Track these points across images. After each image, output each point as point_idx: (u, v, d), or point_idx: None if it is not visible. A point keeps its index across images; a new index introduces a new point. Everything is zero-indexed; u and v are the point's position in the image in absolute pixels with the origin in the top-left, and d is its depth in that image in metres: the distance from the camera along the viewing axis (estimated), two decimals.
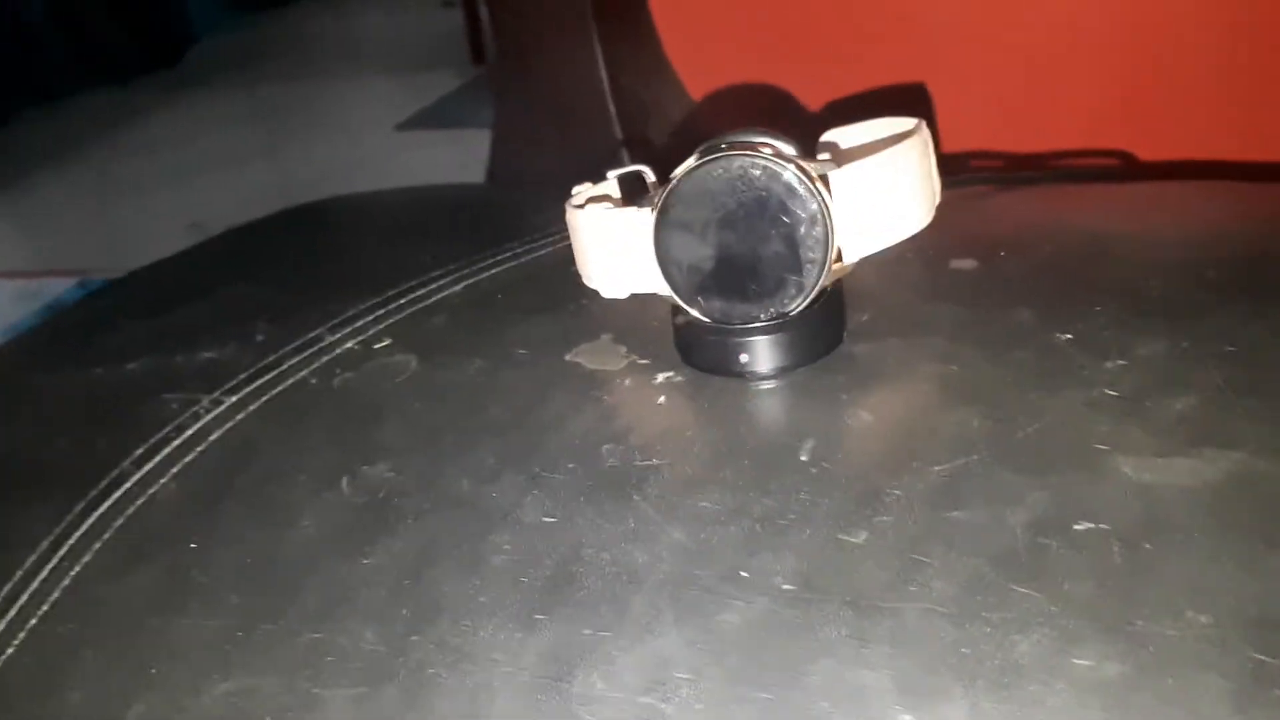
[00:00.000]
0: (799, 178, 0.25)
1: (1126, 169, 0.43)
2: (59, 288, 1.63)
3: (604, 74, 0.66)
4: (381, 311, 0.32)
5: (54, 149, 2.38)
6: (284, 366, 0.30)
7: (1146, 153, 0.45)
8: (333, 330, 0.32)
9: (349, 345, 0.31)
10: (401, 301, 0.33)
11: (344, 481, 0.26)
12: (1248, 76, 0.50)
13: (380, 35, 3.10)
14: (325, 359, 0.31)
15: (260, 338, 0.32)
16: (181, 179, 2.11)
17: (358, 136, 2.23)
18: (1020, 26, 0.52)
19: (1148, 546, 0.20)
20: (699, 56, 0.63)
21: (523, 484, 0.24)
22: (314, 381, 0.30)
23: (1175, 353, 0.24)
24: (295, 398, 0.29)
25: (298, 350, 0.31)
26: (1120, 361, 0.24)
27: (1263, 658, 0.17)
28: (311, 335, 0.32)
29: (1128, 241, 0.31)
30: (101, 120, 2.56)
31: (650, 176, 0.31)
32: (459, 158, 1.86)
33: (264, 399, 0.29)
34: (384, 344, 0.31)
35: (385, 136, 2.18)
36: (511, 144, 0.70)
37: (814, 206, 0.25)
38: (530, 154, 0.68)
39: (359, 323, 0.32)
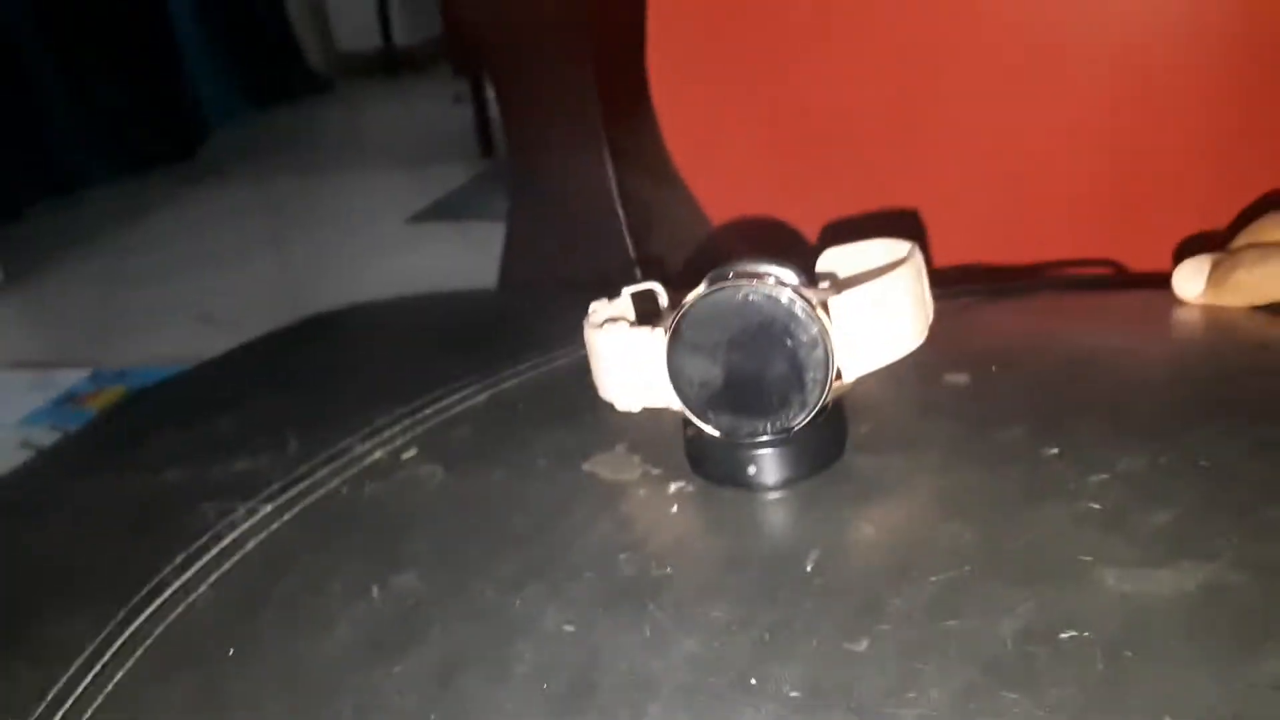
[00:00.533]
0: (801, 305, 0.27)
1: (1116, 278, 0.45)
2: (71, 379, 1.66)
3: (612, 179, 0.69)
4: (408, 422, 0.34)
5: (68, 240, 2.43)
6: (316, 476, 0.32)
7: (1137, 263, 0.48)
8: (361, 440, 0.33)
9: (377, 455, 0.33)
10: (426, 411, 0.35)
11: (374, 590, 0.27)
12: (1237, 189, 0.52)
13: (391, 130, 3.19)
14: (355, 469, 0.32)
15: (292, 448, 0.34)
16: (192, 271, 2.16)
17: (368, 229, 2.28)
18: (1012, 137, 0.54)
19: (1128, 654, 0.21)
20: (707, 170, 0.66)
21: (544, 593, 0.26)
22: (344, 491, 0.31)
23: (1155, 468, 0.26)
24: (327, 507, 0.31)
25: (328, 460, 0.33)
26: (1103, 476, 0.26)
27: None
28: (341, 446, 0.33)
29: (1113, 356, 0.33)
30: (115, 211, 2.62)
31: (661, 293, 0.33)
32: (469, 250, 1.91)
33: (297, 508, 0.31)
34: (411, 454, 0.32)
35: (396, 229, 2.23)
36: (522, 247, 0.73)
37: (815, 330, 0.27)
38: (541, 258, 0.71)
39: (386, 433, 0.34)
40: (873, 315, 0.28)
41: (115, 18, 2.96)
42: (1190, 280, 0.36)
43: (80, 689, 0.26)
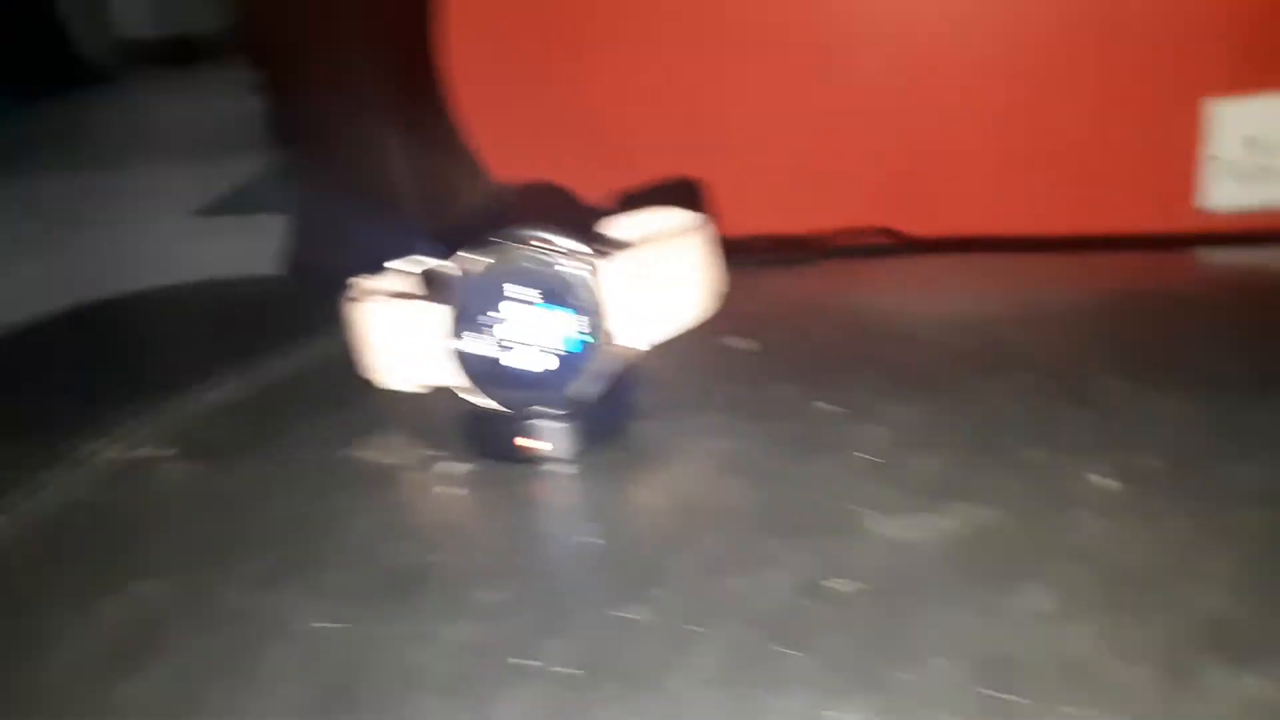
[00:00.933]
0: (574, 271, 0.26)
1: (893, 245, 0.46)
2: None
3: (403, 160, 0.67)
4: (154, 418, 0.31)
5: None
6: (46, 482, 0.29)
7: (914, 230, 0.49)
8: (101, 440, 0.30)
9: (118, 455, 0.30)
10: (178, 406, 0.32)
11: (110, 601, 0.24)
12: (1005, 156, 0.55)
13: (180, 122, 3.00)
14: (92, 472, 0.29)
15: (22, 451, 0.30)
16: None
17: (153, 226, 2.13)
18: (793, 113, 0.55)
19: (897, 598, 0.21)
20: (502, 145, 0.64)
21: (299, 591, 0.24)
22: (78, 496, 0.28)
23: (922, 417, 0.26)
24: (56, 515, 0.28)
25: (62, 463, 0.29)
26: (874, 427, 0.26)
27: (989, 692, 0.18)
28: (78, 447, 0.30)
29: (887, 316, 0.33)
30: None
31: (434, 266, 0.31)
32: (259, 244, 1.81)
33: (26, 517, 0.28)
34: (156, 452, 0.29)
35: (182, 225, 2.10)
36: (308, 232, 0.69)
37: (588, 296, 0.26)
38: (328, 241, 0.68)
39: (134, 431, 0.31)
40: (650, 281, 0.28)
41: None
42: None
43: None
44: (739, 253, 0.34)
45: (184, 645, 0.23)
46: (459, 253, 0.26)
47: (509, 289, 0.26)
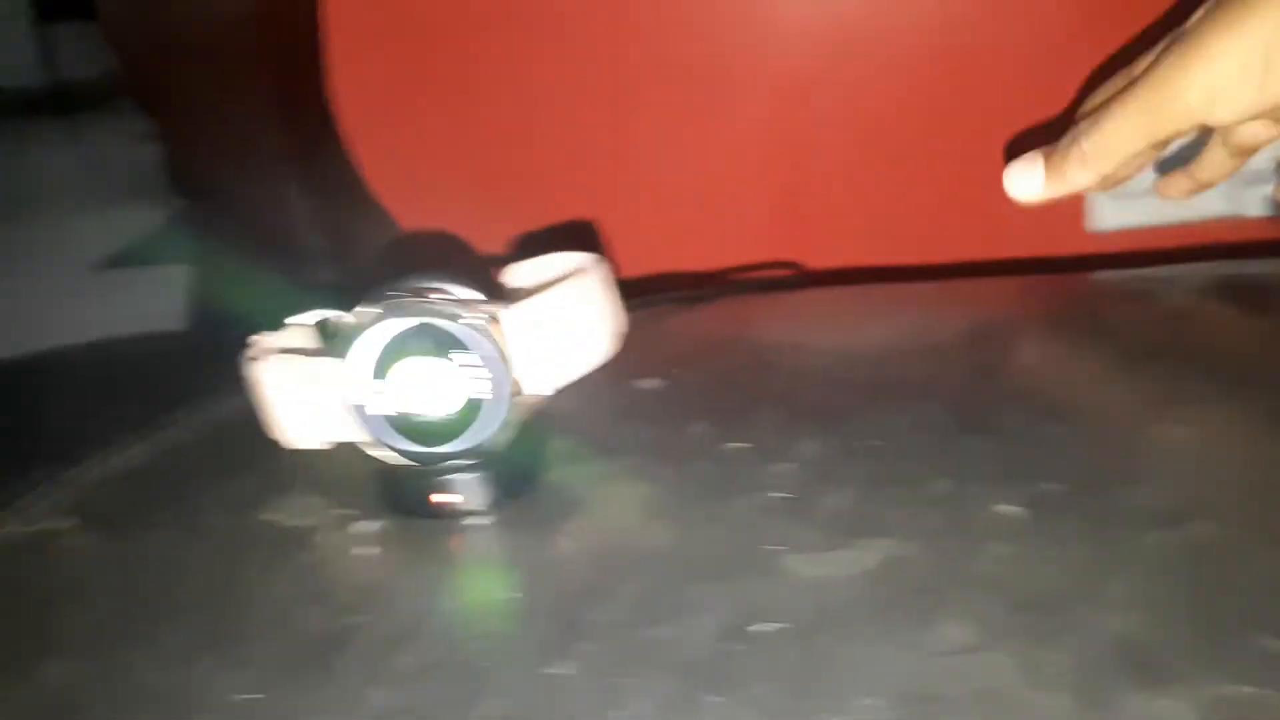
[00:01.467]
0: (471, 321, 0.25)
1: (796, 278, 0.47)
2: None
3: (299, 207, 0.66)
4: (56, 487, 0.30)
5: None
6: None
7: (813, 262, 0.50)
8: (1, 514, 0.29)
9: (19, 528, 0.28)
10: (78, 474, 0.31)
11: (13, 686, 0.23)
12: (897, 185, 0.56)
13: (71, 172, 2.90)
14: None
15: None
16: None
17: (48, 279, 2.05)
18: (695, 155, 0.56)
19: (820, 638, 0.21)
20: (402, 190, 0.64)
21: (216, 663, 0.23)
22: None
23: (830, 452, 0.27)
24: None
25: None
26: (785, 464, 0.27)
27: None
28: None
29: (789, 351, 0.34)
30: None
31: (333, 319, 0.31)
32: (164, 295, 1.76)
33: None
34: (60, 524, 0.28)
35: (81, 278, 2.03)
36: (209, 284, 0.68)
37: (489, 347, 0.26)
38: (228, 294, 0.66)
39: (33, 503, 0.30)
40: (550, 327, 0.28)
41: None
42: (1025, 177, 0.33)
43: None
44: (640, 292, 0.35)
45: None
46: (358, 307, 0.26)
47: (409, 342, 0.26)
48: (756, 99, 0.54)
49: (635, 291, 0.33)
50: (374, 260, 0.64)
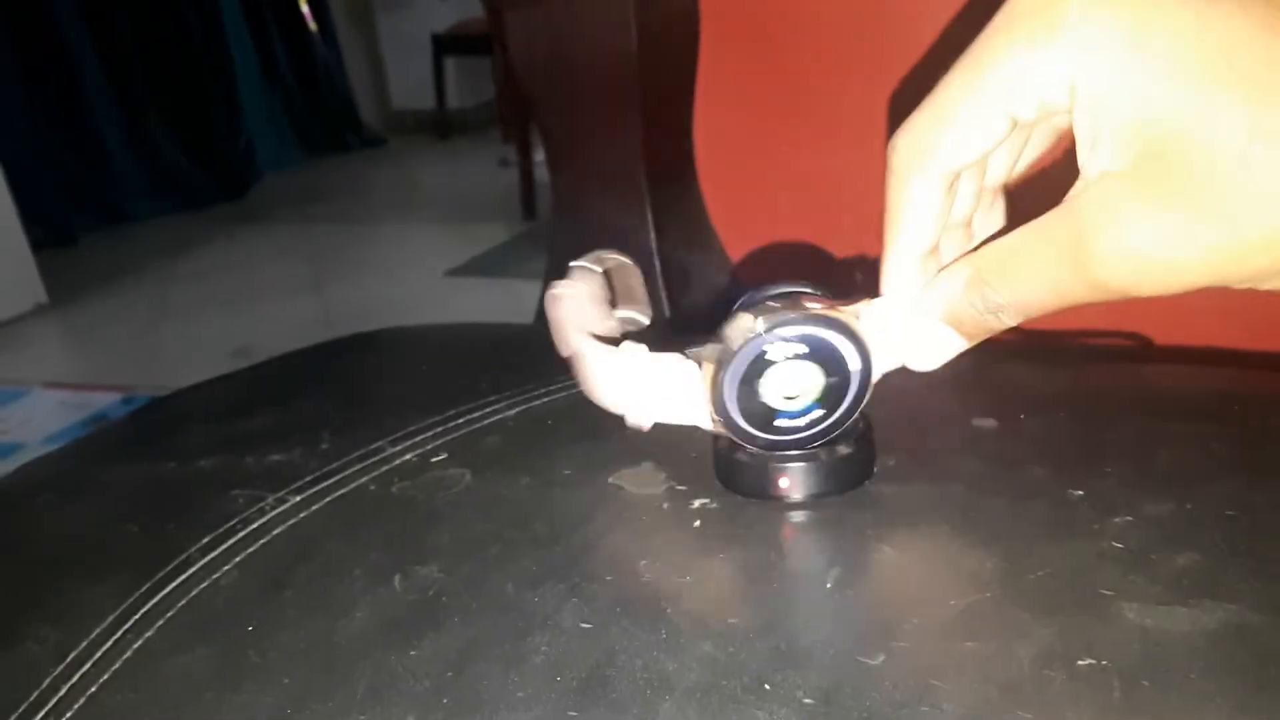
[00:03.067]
0: (843, 325, 0.27)
1: (1141, 350, 0.45)
2: (104, 401, 1.68)
3: (653, 240, 0.70)
4: (440, 429, 0.35)
5: (114, 270, 2.49)
6: (346, 472, 0.33)
7: (1161, 338, 0.48)
8: (393, 443, 0.34)
9: (408, 457, 0.33)
10: (458, 421, 0.35)
11: (396, 579, 0.28)
12: None
13: (437, 187, 3.25)
14: (385, 468, 0.33)
15: (325, 446, 0.35)
16: (233, 307, 2.20)
17: (408, 278, 2.31)
18: None
19: (1146, 684, 0.21)
20: (739, 225, 0.67)
21: (563, 592, 0.26)
22: (373, 488, 0.32)
23: (1179, 513, 0.26)
24: (355, 501, 0.31)
25: (360, 459, 0.33)
26: (1128, 518, 0.26)
27: None
28: (373, 446, 0.34)
29: (1137, 413, 0.33)
30: (164, 245, 2.68)
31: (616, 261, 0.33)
32: (505, 304, 1.93)
33: (326, 500, 0.32)
34: (440, 458, 0.33)
35: (434, 281, 2.27)
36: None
37: (857, 359, 0.27)
38: None
39: (418, 438, 0.35)
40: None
41: (180, 65, 3.08)
42: (937, 353, 0.27)
43: (100, 652, 0.27)
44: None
45: (459, 626, 0.25)
46: (733, 310, 0.28)
47: (775, 345, 0.27)
48: None
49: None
50: (709, 283, 0.67)
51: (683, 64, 0.70)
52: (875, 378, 0.28)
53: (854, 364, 0.27)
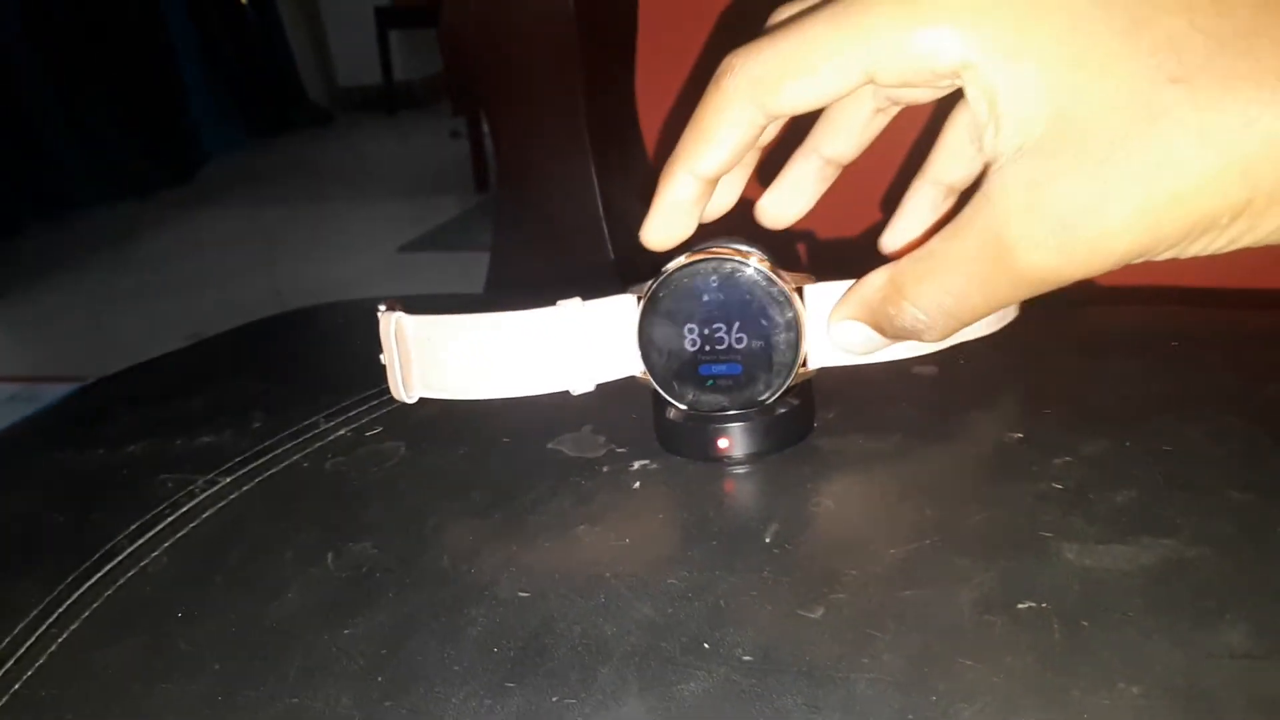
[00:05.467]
0: (780, 287, 0.27)
1: (1079, 291, 0.45)
2: (55, 392, 1.65)
3: (599, 196, 0.70)
4: (375, 403, 0.34)
5: (61, 259, 2.44)
6: (278, 451, 0.32)
7: (1105, 279, 0.48)
8: (328, 419, 0.33)
9: (342, 433, 0.32)
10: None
11: (329, 557, 0.27)
12: None
13: (387, 162, 3.21)
14: (318, 445, 0.32)
15: (257, 425, 0.34)
16: (185, 292, 2.16)
17: (361, 256, 2.28)
18: None
19: (1085, 624, 0.21)
20: None
21: (500, 562, 0.25)
22: (306, 465, 0.31)
23: (1117, 451, 0.26)
24: (287, 480, 0.31)
25: (292, 436, 0.33)
26: (1066, 458, 0.26)
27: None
28: (306, 423, 0.33)
29: (1075, 354, 0.33)
30: (110, 233, 2.62)
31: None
32: (459, 278, 1.91)
33: (257, 480, 0.31)
34: (375, 431, 0.32)
35: (388, 257, 2.24)
36: (509, 261, 0.73)
37: (790, 314, 0.27)
38: (525, 269, 0.71)
39: (352, 412, 0.34)
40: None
41: (118, 48, 3.00)
42: (850, 338, 0.27)
43: (24, 648, 0.26)
44: None
45: (393, 602, 0.25)
46: (675, 258, 0.27)
47: (716, 295, 0.27)
48: None
49: None
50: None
51: (623, 23, 0.69)
52: (813, 364, 0.28)
53: (780, 332, 0.27)
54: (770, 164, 0.31)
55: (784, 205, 0.31)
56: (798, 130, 0.30)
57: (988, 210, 0.22)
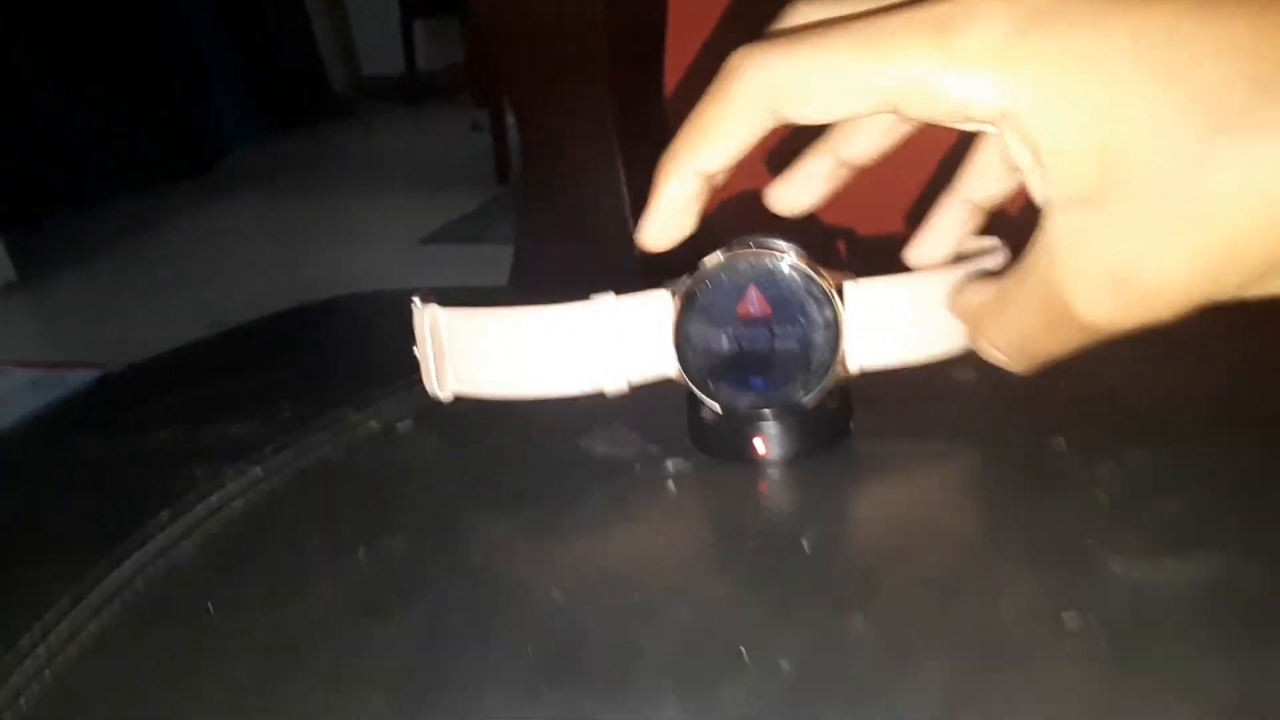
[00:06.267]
0: (820, 284, 0.26)
1: None
2: (79, 379, 1.65)
3: (625, 190, 0.69)
4: (404, 394, 0.34)
5: (84, 249, 2.45)
6: (307, 440, 0.32)
7: None
8: (356, 409, 0.33)
9: (371, 425, 0.32)
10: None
11: (360, 552, 0.26)
12: None
13: (409, 154, 3.21)
14: (348, 436, 0.32)
15: (286, 415, 0.34)
16: (204, 281, 2.17)
17: (381, 248, 2.29)
18: None
19: (1135, 639, 0.20)
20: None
21: (532, 561, 0.25)
22: (336, 456, 0.31)
23: (1165, 459, 0.25)
24: (317, 472, 0.30)
25: (322, 428, 0.32)
26: (1112, 466, 0.25)
27: None
28: (336, 414, 0.33)
29: (1122, 363, 0.32)
30: (132, 223, 2.63)
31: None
32: (481, 270, 1.91)
33: (287, 471, 0.30)
34: (406, 424, 0.32)
35: (409, 249, 2.24)
36: (533, 253, 0.73)
37: (829, 313, 0.26)
38: (551, 262, 0.71)
39: (382, 403, 0.33)
40: (891, 311, 0.27)
41: (140, 38, 3.01)
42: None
43: (53, 635, 0.26)
44: None
45: (425, 599, 0.25)
46: (713, 254, 0.27)
47: (753, 292, 0.26)
48: None
49: None
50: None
51: (653, 15, 0.69)
52: (852, 365, 0.27)
53: (819, 331, 0.26)
54: (783, 153, 0.31)
55: (793, 198, 0.30)
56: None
57: (1046, 262, 0.22)
